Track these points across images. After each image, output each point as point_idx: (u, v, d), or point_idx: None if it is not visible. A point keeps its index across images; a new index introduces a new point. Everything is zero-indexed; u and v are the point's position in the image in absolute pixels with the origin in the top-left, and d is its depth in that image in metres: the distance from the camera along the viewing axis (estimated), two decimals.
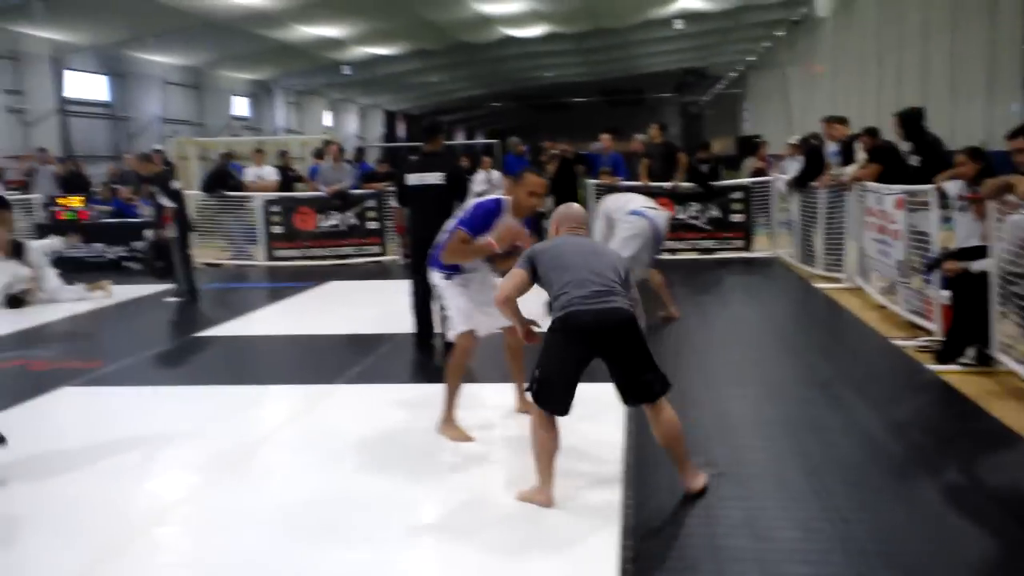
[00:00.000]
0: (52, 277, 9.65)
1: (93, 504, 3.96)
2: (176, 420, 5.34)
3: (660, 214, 7.66)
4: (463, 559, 3.33)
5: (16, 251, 9.47)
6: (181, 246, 9.61)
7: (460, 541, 3.47)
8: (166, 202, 9.38)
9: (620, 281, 3.79)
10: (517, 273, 3.90)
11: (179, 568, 3.35)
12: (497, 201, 4.65)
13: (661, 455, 4.09)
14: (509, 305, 3.96)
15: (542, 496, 3.68)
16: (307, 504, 3.87)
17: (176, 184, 9.82)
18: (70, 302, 9.41)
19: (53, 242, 10.34)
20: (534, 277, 3.88)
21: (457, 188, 6.77)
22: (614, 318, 3.67)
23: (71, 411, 5.66)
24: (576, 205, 4.22)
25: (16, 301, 9.11)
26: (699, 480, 3.82)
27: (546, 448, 3.71)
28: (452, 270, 4.76)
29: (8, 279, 9.22)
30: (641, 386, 3.71)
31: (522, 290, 3.91)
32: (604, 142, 12.41)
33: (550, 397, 3.70)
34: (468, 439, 4.59)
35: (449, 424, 4.68)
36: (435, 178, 6.69)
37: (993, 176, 5.63)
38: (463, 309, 4.70)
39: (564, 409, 3.71)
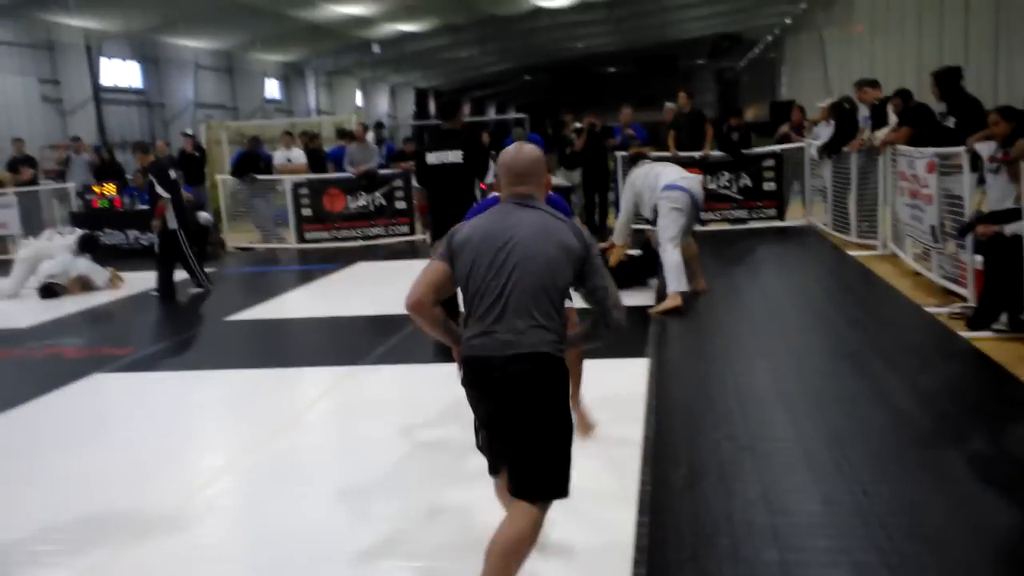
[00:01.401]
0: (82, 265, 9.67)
1: (126, 486, 4.04)
2: (206, 403, 5.44)
3: (694, 182, 7.52)
4: (485, 527, 3.33)
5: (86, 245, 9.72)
6: (182, 237, 9.12)
7: (482, 511, 3.48)
8: (162, 192, 9.03)
9: (547, 310, 2.61)
10: (434, 266, 2.74)
11: (208, 550, 3.41)
12: (494, 200, 3.60)
13: (681, 428, 4.07)
14: (421, 312, 2.70)
15: None
16: (335, 484, 3.91)
17: (175, 174, 9.41)
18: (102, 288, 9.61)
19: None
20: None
21: (477, 166, 6.72)
22: (500, 363, 2.56)
23: (103, 396, 5.77)
24: (527, 147, 2.86)
25: (50, 291, 9.25)
26: None
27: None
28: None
29: (59, 268, 9.36)
30: (516, 473, 2.64)
31: (440, 289, 2.74)
32: (624, 116, 12.28)
33: (483, 451, 2.86)
34: None
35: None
36: (454, 156, 6.64)
37: None
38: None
39: (491, 468, 2.84)
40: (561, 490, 2.64)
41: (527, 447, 2.60)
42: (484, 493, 3.69)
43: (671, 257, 7.18)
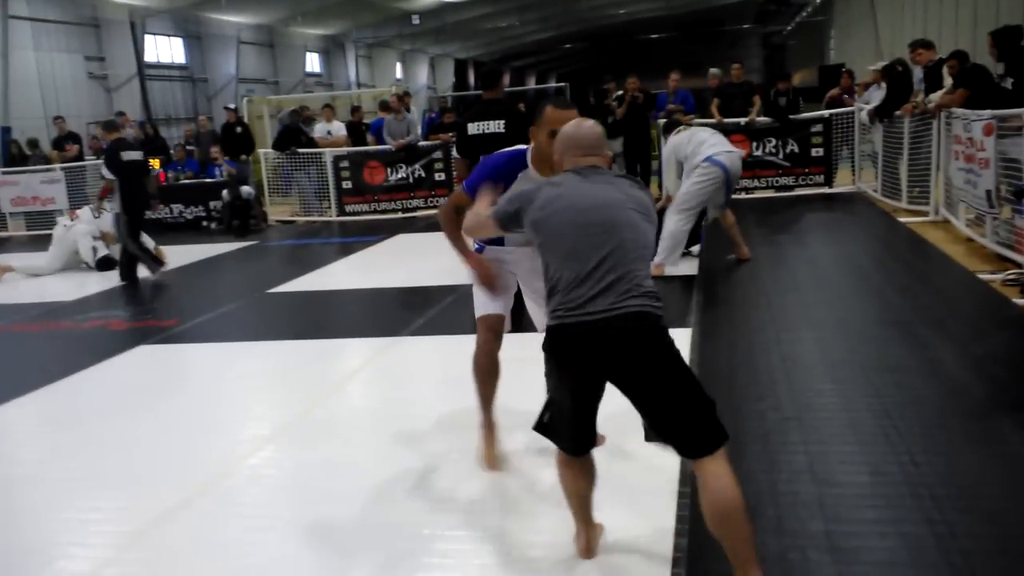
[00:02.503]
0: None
1: (168, 455, 4.09)
2: (249, 374, 5.49)
3: (733, 157, 7.35)
4: (524, 490, 3.31)
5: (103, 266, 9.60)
6: (126, 223, 8.67)
7: (521, 475, 3.47)
8: (106, 174, 8.69)
9: (643, 262, 2.62)
10: (486, 218, 2.92)
11: (250, 519, 3.43)
12: (512, 153, 3.43)
13: (725, 399, 3.98)
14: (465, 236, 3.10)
15: (577, 543, 2.91)
16: (376, 453, 3.92)
17: (131, 155, 8.77)
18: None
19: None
20: (508, 226, 2.84)
21: (519, 135, 6.64)
22: (619, 331, 2.51)
23: (149, 368, 5.85)
24: (588, 122, 2.86)
25: (107, 263, 9.38)
26: None
27: (570, 489, 2.84)
28: (484, 241, 3.65)
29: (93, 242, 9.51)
30: (675, 432, 2.57)
31: (483, 229, 3.06)
32: (672, 82, 12.04)
33: (557, 433, 2.78)
34: (492, 467, 3.61)
35: (484, 445, 3.71)
36: (495, 126, 6.58)
37: None
38: (480, 290, 3.64)
39: (575, 448, 2.77)
40: (722, 434, 2.55)
41: (681, 400, 2.54)
42: (522, 458, 3.68)
43: (671, 226, 7.04)
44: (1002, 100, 7.06)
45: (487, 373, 3.65)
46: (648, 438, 2.65)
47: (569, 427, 2.74)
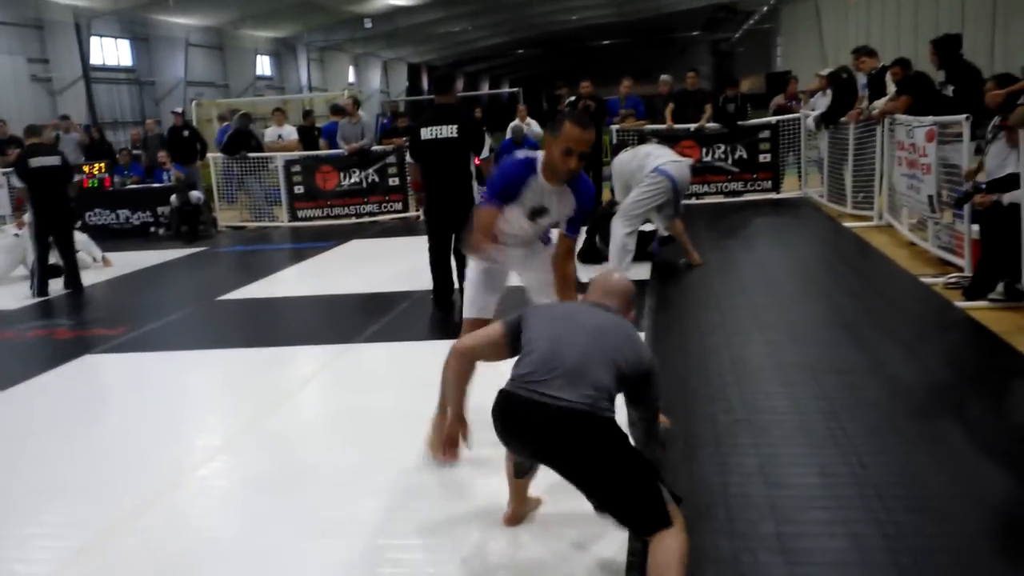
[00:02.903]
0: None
1: (115, 467, 4.00)
2: (199, 383, 5.40)
3: (681, 167, 7.43)
4: (480, 502, 3.30)
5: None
6: (36, 235, 8.34)
7: (478, 487, 3.46)
8: (16, 183, 8.39)
9: (603, 382, 2.59)
10: (497, 328, 2.86)
11: (199, 532, 3.37)
12: (525, 161, 3.52)
13: (676, 402, 4.03)
14: (464, 361, 2.86)
15: (507, 511, 3.13)
16: (329, 462, 3.88)
17: (43, 162, 8.30)
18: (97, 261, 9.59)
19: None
20: (515, 343, 2.79)
21: (472, 141, 6.65)
22: (548, 420, 2.53)
23: (96, 377, 5.72)
24: (622, 277, 3.08)
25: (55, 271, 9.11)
26: None
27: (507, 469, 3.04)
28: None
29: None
30: (616, 515, 2.56)
31: (491, 351, 2.86)
32: (623, 88, 12.15)
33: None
34: (451, 457, 3.15)
35: (435, 432, 3.67)
36: (448, 131, 6.56)
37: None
38: (472, 288, 3.81)
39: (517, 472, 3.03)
40: (665, 504, 2.50)
41: (610, 498, 2.53)
42: (479, 470, 3.67)
43: (616, 234, 7.08)
44: (944, 107, 7.25)
45: (455, 373, 3.52)
46: (597, 510, 2.60)
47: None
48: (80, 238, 9.60)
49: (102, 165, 12.69)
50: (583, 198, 3.52)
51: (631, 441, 2.67)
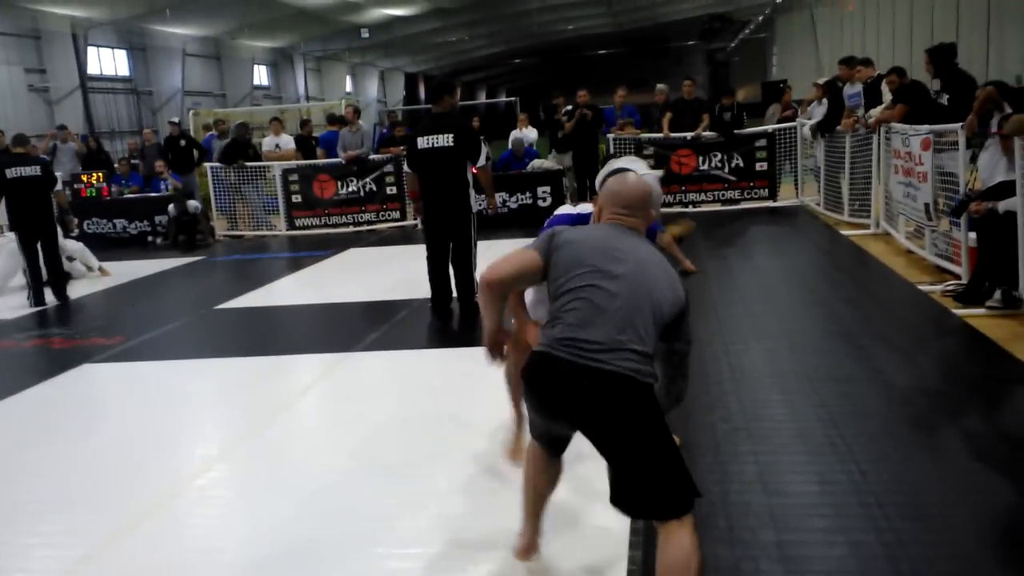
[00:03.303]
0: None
1: (115, 476, 3.99)
2: (197, 392, 5.39)
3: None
4: (481, 512, 3.30)
5: None
6: (21, 245, 8.33)
7: (478, 496, 3.45)
8: None
9: (644, 336, 2.45)
10: (527, 254, 2.66)
11: (198, 541, 3.37)
12: (575, 217, 3.40)
13: (675, 411, 4.03)
14: (495, 291, 2.65)
15: (519, 541, 2.89)
16: (328, 471, 3.87)
17: (20, 171, 8.23)
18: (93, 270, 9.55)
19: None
20: (547, 270, 2.63)
21: (468, 149, 6.66)
22: (590, 383, 2.42)
23: (94, 386, 5.72)
24: (633, 177, 2.72)
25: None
26: None
27: (529, 484, 2.84)
28: None
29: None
30: (635, 494, 2.45)
31: (524, 277, 2.72)
32: (619, 97, 12.20)
33: (531, 422, 2.76)
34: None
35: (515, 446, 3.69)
36: (444, 140, 6.58)
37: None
38: (530, 300, 3.63)
39: (545, 442, 2.77)
40: (692, 492, 2.43)
41: (645, 463, 2.41)
42: (480, 478, 3.67)
43: None
44: (939, 115, 7.28)
45: (515, 378, 3.54)
46: (613, 500, 2.50)
47: (546, 438, 2.73)
48: (75, 247, 9.60)
49: (100, 175, 12.68)
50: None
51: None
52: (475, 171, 6.80)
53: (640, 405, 2.42)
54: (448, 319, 6.65)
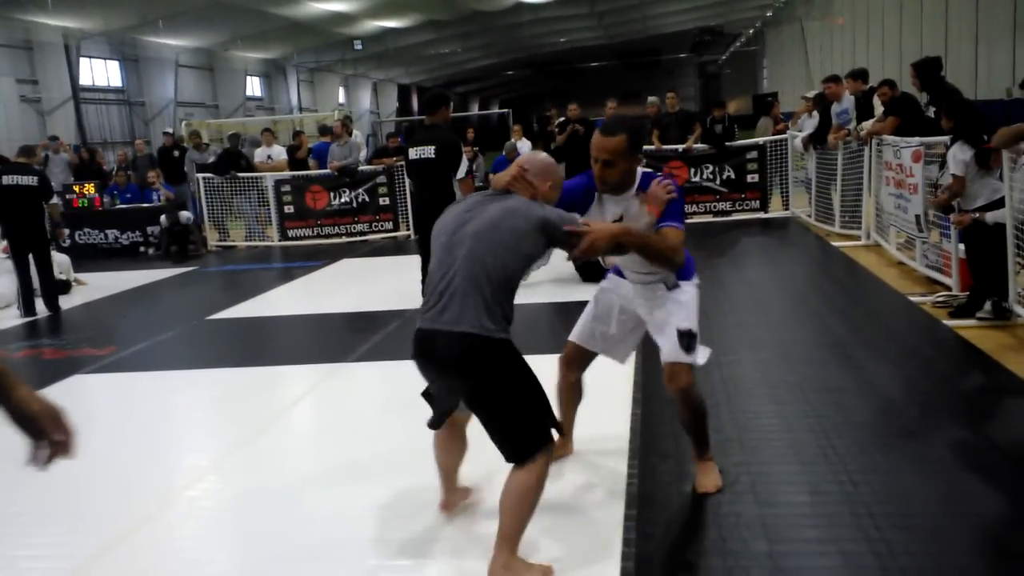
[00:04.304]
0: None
1: (105, 488, 3.97)
2: (189, 403, 5.37)
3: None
4: (473, 522, 3.30)
5: None
6: (13, 255, 8.32)
7: (464, 513, 3.44)
8: None
9: (490, 300, 2.70)
10: None
11: (188, 553, 3.36)
12: (585, 174, 3.38)
13: (667, 421, 4.05)
14: None
15: (441, 502, 3.36)
16: (319, 482, 3.87)
17: (15, 179, 8.24)
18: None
19: None
20: None
21: (448, 161, 6.74)
22: (442, 346, 2.72)
23: (85, 397, 5.68)
24: (542, 157, 3.08)
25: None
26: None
27: (437, 461, 3.29)
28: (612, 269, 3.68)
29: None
30: (498, 445, 2.83)
31: None
32: (609, 110, 12.25)
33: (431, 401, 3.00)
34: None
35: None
36: (428, 151, 6.75)
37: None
38: (583, 315, 3.71)
39: (432, 422, 2.97)
40: (541, 441, 2.78)
41: (493, 421, 2.78)
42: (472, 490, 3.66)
43: None
44: (929, 128, 7.34)
45: (559, 397, 3.72)
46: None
47: (433, 402, 2.96)
48: (60, 259, 9.56)
49: (91, 186, 12.66)
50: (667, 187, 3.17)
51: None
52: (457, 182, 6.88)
53: (487, 361, 2.71)
54: None
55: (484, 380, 2.73)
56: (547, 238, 2.81)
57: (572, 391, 3.77)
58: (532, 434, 2.78)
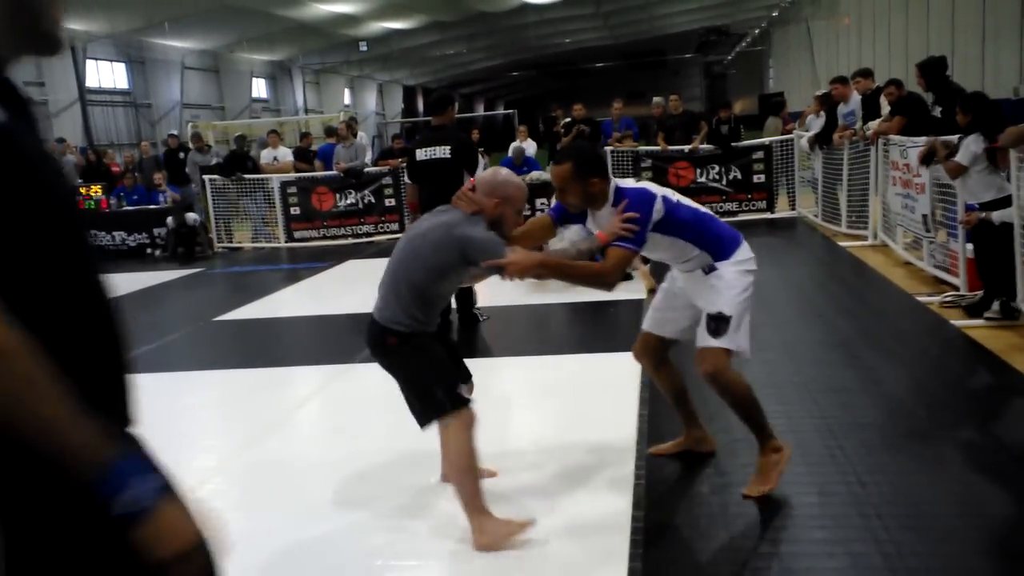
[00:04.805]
0: None
1: None
2: (196, 404, 5.39)
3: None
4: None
5: None
6: None
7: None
8: None
9: (399, 296, 3.18)
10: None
11: None
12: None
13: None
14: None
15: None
16: (327, 483, 3.87)
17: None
18: None
19: None
20: None
21: (465, 160, 6.69)
22: (368, 331, 3.31)
23: None
24: (505, 174, 3.48)
25: None
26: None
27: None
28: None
29: None
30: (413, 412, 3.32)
31: None
32: (615, 110, 12.24)
33: None
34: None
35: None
36: (442, 152, 6.63)
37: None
38: (650, 307, 3.89)
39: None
40: (438, 410, 3.17)
41: (403, 393, 3.31)
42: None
43: None
44: (937, 128, 7.31)
45: (663, 386, 3.89)
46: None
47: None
48: None
49: (98, 187, 12.70)
50: (629, 208, 3.28)
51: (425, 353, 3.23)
52: (473, 182, 6.83)
53: (390, 348, 3.22)
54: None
55: (390, 361, 3.26)
56: (463, 257, 3.12)
57: (663, 382, 3.85)
58: (428, 403, 3.19)
